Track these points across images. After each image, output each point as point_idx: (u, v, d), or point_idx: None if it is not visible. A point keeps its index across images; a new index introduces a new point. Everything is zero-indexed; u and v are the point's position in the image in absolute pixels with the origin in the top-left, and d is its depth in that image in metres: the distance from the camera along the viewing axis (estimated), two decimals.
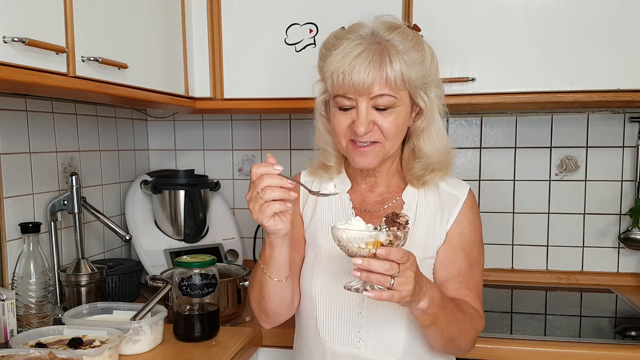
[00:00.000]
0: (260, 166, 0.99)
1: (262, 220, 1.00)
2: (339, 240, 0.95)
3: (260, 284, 1.14)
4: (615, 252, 1.95)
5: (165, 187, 1.91)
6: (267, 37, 1.68)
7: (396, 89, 1.07)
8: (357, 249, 0.93)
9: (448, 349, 1.14)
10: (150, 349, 1.29)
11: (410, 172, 1.19)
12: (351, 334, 1.14)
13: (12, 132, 1.45)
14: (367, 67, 1.04)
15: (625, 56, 1.51)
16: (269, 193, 0.97)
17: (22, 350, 1.10)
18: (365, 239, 0.93)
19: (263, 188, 0.98)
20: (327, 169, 1.24)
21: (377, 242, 0.93)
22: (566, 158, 1.95)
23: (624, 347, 1.38)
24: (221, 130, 2.15)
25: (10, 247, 1.42)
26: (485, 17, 1.56)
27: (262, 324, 1.23)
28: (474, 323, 1.13)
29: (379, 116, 1.08)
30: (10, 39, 0.96)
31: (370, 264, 0.91)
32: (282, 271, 1.11)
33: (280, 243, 1.06)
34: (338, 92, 1.09)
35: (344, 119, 1.10)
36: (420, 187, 1.20)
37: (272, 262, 1.09)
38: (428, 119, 1.14)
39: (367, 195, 1.23)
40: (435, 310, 1.02)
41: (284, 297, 1.15)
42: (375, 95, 1.07)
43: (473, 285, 1.17)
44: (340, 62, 1.06)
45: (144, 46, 1.43)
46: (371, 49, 1.06)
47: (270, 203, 0.98)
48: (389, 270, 0.91)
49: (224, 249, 1.97)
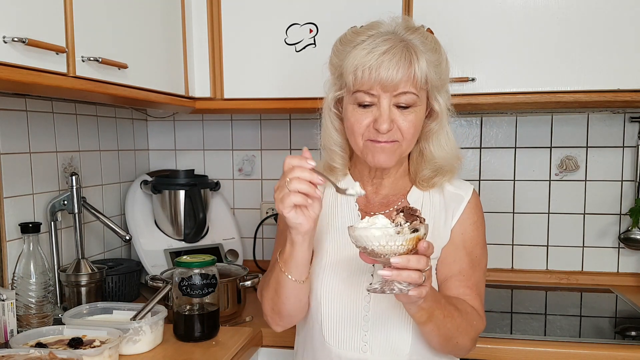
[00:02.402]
0: (294, 158, 0.99)
1: (282, 210, 0.98)
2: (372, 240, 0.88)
3: (277, 284, 1.11)
4: (615, 252, 1.95)
5: (165, 187, 1.91)
6: (267, 37, 1.68)
7: (419, 88, 1.07)
8: (399, 246, 0.87)
9: (447, 347, 1.13)
10: (150, 349, 1.29)
11: (420, 174, 1.19)
12: (357, 338, 1.13)
13: (12, 132, 1.45)
14: (397, 64, 1.04)
15: (625, 56, 1.51)
16: (295, 184, 0.97)
17: (22, 350, 1.10)
18: (408, 235, 0.87)
19: (291, 178, 0.97)
20: (332, 170, 1.22)
21: (417, 238, 0.88)
22: (566, 158, 1.95)
23: (624, 347, 1.38)
24: (221, 130, 2.15)
25: (10, 247, 1.42)
26: (485, 17, 1.56)
27: (273, 327, 1.19)
28: (472, 322, 1.12)
29: (400, 115, 1.08)
30: (10, 39, 0.96)
31: (409, 260, 0.88)
32: (302, 272, 1.08)
33: (300, 241, 1.03)
34: (361, 87, 1.07)
35: (363, 117, 1.09)
36: (427, 190, 1.20)
37: (292, 261, 1.06)
38: (440, 122, 1.15)
39: (372, 197, 1.22)
40: (430, 304, 1.01)
41: (301, 298, 1.13)
42: (399, 93, 1.06)
43: (474, 285, 1.17)
44: (365, 57, 1.05)
45: (144, 46, 1.43)
46: (399, 46, 1.05)
47: (292, 193, 0.97)
48: (425, 266, 0.89)
49: (224, 249, 1.97)
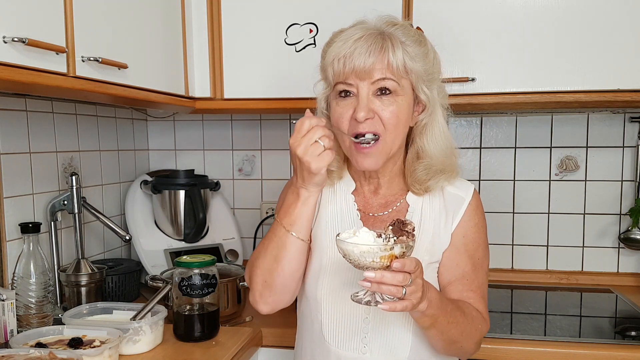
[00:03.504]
0: (312, 118, 1.04)
1: (308, 159, 1.02)
2: (347, 253, 0.92)
3: (279, 248, 1.10)
4: (615, 252, 1.95)
5: (165, 187, 1.91)
6: (267, 37, 1.68)
7: (398, 76, 1.07)
8: (371, 262, 0.90)
9: (450, 350, 1.13)
10: (150, 349, 1.29)
11: (413, 175, 1.16)
12: (357, 338, 1.13)
13: (12, 132, 1.45)
14: (368, 49, 1.05)
15: (625, 56, 1.51)
16: (320, 132, 1.02)
17: (22, 350, 1.10)
18: (380, 253, 0.90)
19: (316, 130, 1.02)
20: (328, 173, 1.19)
21: (392, 256, 0.90)
22: (566, 158, 1.95)
23: (624, 347, 1.38)
24: (221, 130, 2.15)
25: (10, 247, 1.42)
26: (485, 17, 1.56)
27: (260, 306, 1.15)
28: (477, 326, 1.12)
29: (380, 105, 1.07)
30: (10, 39, 0.96)
31: (383, 276, 0.89)
32: (307, 229, 1.11)
33: (315, 194, 1.09)
34: (339, 78, 1.08)
35: (345, 110, 1.09)
36: (421, 195, 1.17)
37: (300, 218, 1.09)
38: (430, 115, 1.13)
39: (370, 197, 1.21)
40: (433, 312, 1.01)
41: (302, 262, 1.13)
42: (376, 80, 1.06)
43: (477, 288, 1.16)
44: (341, 47, 1.07)
45: (144, 46, 1.43)
46: (372, 35, 1.06)
47: (319, 141, 1.02)
48: (402, 282, 0.90)
49: (224, 249, 1.98)
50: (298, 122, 1.04)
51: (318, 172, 1.04)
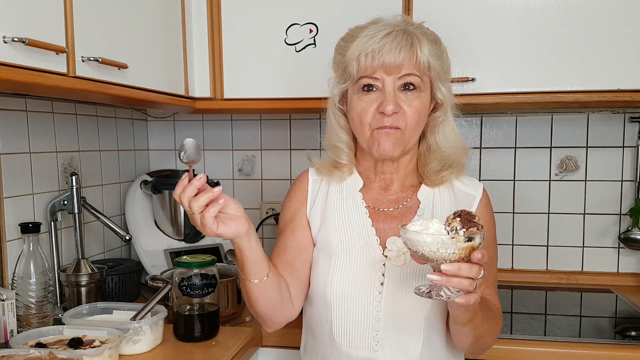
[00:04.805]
0: (177, 188, 0.96)
1: (215, 232, 0.96)
2: (422, 245, 0.88)
3: (245, 291, 1.10)
4: (615, 252, 1.95)
5: (165, 187, 1.90)
6: (267, 37, 1.68)
7: (422, 72, 1.09)
8: (449, 254, 0.87)
9: (475, 346, 1.12)
10: (150, 349, 1.29)
11: (427, 167, 1.18)
12: (368, 337, 1.12)
13: (12, 132, 1.45)
14: (399, 45, 1.06)
15: (625, 56, 1.51)
16: (195, 205, 0.94)
17: (22, 350, 1.10)
18: (461, 245, 0.87)
19: (189, 205, 0.94)
20: (340, 167, 1.22)
21: (470, 247, 0.88)
22: (566, 158, 1.95)
23: (624, 347, 1.38)
24: (221, 130, 2.15)
25: (10, 247, 1.42)
26: (485, 17, 1.56)
27: (264, 328, 1.21)
28: (499, 321, 1.13)
29: (404, 100, 1.09)
30: (10, 39, 0.96)
31: (460, 268, 0.88)
32: (259, 270, 1.06)
33: (247, 243, 1.03)
34: (365, 73, 1.09)
35: (369, 104, 1.10)
36: (435, 186, 1.19)
37: (247, 264, 1.05)
38: (445, 113, 1.16)
39: (380, 193, 1.21)
40: (476, 307, 0.99)
41: (270, 296, 1.10)
42: (403, 75, 1.08)
43: (492, 283, 1.17)
44: (367, 42, 1.08)
45: (144, 46, 1.43)
46: (399, 32, 1.08)
47: (202, 213, 0.95)
48: (477, 274, 0.89)
49: (224, 249, 1.97)
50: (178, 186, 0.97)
51: (232, 235, 1.00)
